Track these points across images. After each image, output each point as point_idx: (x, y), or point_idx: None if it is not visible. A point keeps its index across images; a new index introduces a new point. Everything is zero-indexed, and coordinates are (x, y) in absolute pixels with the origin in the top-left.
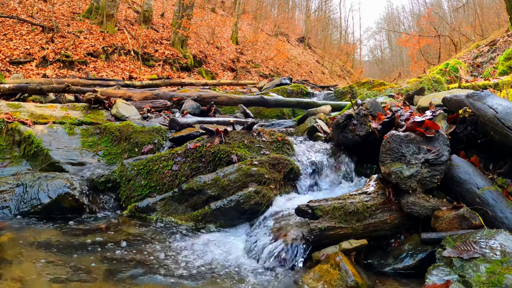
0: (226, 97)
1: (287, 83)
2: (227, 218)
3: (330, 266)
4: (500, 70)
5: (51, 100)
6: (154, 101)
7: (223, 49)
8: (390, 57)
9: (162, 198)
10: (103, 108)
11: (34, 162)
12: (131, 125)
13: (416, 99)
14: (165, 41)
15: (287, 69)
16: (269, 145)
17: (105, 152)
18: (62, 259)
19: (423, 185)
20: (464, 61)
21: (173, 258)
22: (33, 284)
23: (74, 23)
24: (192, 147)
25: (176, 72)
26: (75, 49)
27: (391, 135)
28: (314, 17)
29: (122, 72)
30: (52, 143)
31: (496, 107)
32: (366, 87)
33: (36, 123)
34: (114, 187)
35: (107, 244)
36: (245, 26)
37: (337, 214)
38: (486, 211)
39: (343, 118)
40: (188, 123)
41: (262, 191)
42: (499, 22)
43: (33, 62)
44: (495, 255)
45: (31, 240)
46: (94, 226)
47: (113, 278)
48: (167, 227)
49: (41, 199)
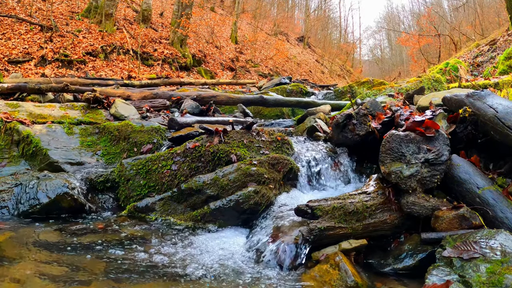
0: (225, 96)
1: (286, 83)
2: (227, 218)
3: (329, 266)
4: (500, 70)
5: (50, 99)
6: (153, 101)
7: (223, 48)
8: (390, 56)
9: (161, 198)
10: (102, 107)
11: (33, 162)
12: (130, 125)
13: (416, 98)
14: (164, 40)
15: (286, 68)
16: (269, 144)
17: (104, 151)
18: (60, 259)
19: (423, 185)
20: (464, 60)
21: (172, 258)
22: (32, 284)
23: (73, 22)
24: (191, 147)
25: (175, 71)
26: (74, 48)
27: (391, 135)
28: (314, 16)
29: (121, 71)
30: (51, 142)
31: (497, 106)
32: (366, 86)
33: (35, 123)
34: (113, 187)
35: (106, 244)
36: (245, 25)
37: (337, 214)
38: (486, 211)
39: (343, 118)
40: (187, 122)
41: (261, 191)
42: (499, 21)
43: (32, 61)
44: (496, 255)
45: (30, 240)
46: (93, 226)
47: (112, 278)
48: (166, 227)
49: (39, 199)
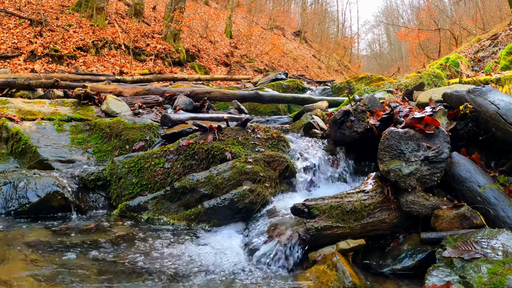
0: (220, 92)
1: (282, 78)
2: (221, 217)
3: (327, 266)
4: (502, 65)
5: (40, 95)
6: (146, 97)
7: (217, 43)
8: (388, 51)
9: (154, 197)
10: (93, 104)
11: (22, 160)
12: (122, 122)
13: (415, 94)
14: (157, 35)
15: (282, 63)
16: (264, 142)
17: (95, 149)
18: (50, 260)
19: (423, 183)
20: (465, 55)
21: (165, 259)
22: (20, 285)
23: (63, 16)
24: (184, 144)
25: (168, 66)
26: (64, 43)
27: (390, 132)
28: (311, 10)
29: (112, 67)
30: (41, 140)
31: (498, 103)
32: (364, 82)
33: (24, 120)
34: (104, 185)
35: (97, 245)
36: (240, 19)
37: (334, 213)
38: (487, 210)
39: (340, 114)
40: (181, 119)
41: (257, 189)
42: (501, 15)
43: (21, 56)
44: (497, 255)
45: (19, 240)
46: (83, 225)
47: (103, 279)
48: (158, 226)
49: (29, 198)
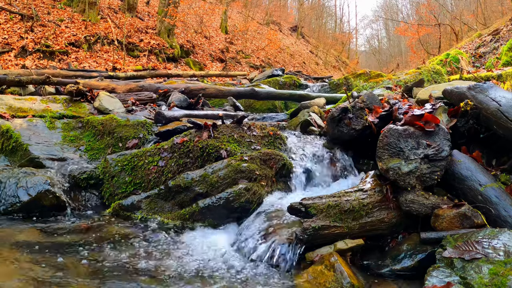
0: (215, 89)
1: (279, 75)
2: (216, 216)
3: (324, 267)
4: (503, 61)
5: (31, 92)
6: (139, 94)
7: (212, 38)
8: (387, 47)
9: (147, 196)
10: (85, 100)
11: (13, 158)
12: (114, 119)
13: (415, 91)
14: (150, 30)
15: (279, 59)
16: (260, 139)
17: (88, 147)
18: (41, 260)
19: (423, 182)
20: (466, 51)
21: (158, 258)
22: (10, 286)
23: (54, 11)
24: (179, 142)
25: (162, 62)
26: (56, 38)
27: (389, 129)
28: (308, 4)
29: (105, 63)
30: (32, 137)
31: (500, 99)
32: (363, 78)
33: (15, 117)
34: (97, 184)
35: (89, 245)
36: (235, 14)
37: (332, 213)
38: (489, 209)
39: (338, 112)
40: (175, 116)
41: (252, 188)
42: (502, 10)
43: (12, 52)
44: (498, 255)
45: (9, 240)
46: (75, 225)
47: (95, 280)
48: (152, 226)
49: (20, 197)
